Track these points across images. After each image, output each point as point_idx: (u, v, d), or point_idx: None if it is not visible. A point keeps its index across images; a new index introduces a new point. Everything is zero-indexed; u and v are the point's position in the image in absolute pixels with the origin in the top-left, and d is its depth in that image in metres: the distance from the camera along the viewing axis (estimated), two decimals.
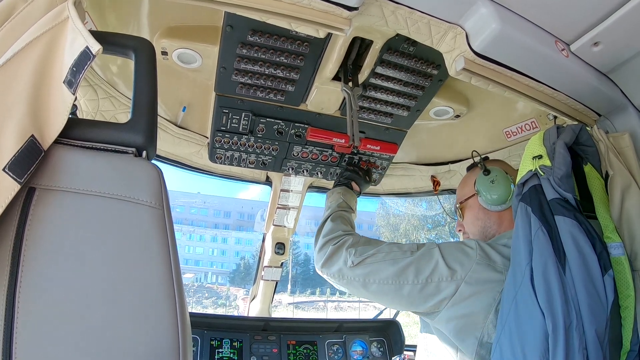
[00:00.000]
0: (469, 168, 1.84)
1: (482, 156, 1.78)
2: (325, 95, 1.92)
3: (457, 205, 1.80)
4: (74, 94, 0.75)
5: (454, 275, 1.40)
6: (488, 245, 1.48)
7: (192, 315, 2.57)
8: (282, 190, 2.79)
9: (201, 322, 2.71)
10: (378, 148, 2.26)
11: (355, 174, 2.27)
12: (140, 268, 0.69)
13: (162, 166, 1.55)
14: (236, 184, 2.92)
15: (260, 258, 3.19)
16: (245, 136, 2.11)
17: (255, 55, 1.67)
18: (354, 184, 2.24)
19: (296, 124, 2.10)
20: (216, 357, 2.65)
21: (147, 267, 0.69)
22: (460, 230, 1.80)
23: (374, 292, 1.53)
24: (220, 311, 27.65)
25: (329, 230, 1.81)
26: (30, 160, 0.68)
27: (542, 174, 1.35)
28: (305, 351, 2.89)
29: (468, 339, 1.37)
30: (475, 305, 1.37)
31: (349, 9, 1.16)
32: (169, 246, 0.72)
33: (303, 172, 2.44)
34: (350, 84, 1.78)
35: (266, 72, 1.76)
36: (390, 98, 1.97)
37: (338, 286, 1.67)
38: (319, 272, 1.70)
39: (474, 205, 1.71)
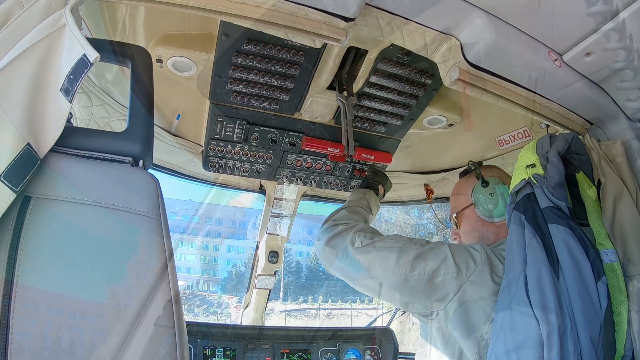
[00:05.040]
0: (462, 175, 1.81)
1: (476, 162, 1.75)
2: (319, 104, 1.93)
3: (453, 215, 1.77)
4: (70, 102, 0.74)
5: (460, 273, 1.40)
6: (491, 251, 1.48)
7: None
8: (275, 198, 2.79)
9: (194, 331, 2.67)
10: (372, 157, 2.26)
11: (384, 179, 2.25)
12: (137, 278, 0.68)
13: (155, 174, 1.54)
14: (228, 192, 2.91)
15: (253, 266, 3.17)
16: (240, 144, 2.10)
17: (250, 64, 1.67)
18: (381, 188, 2.21)
19: (290, 133, 2.10)
20: None
21: (143, 277, 0.69)
22: (455, 239, 1.79)
23: (376, 277, 1.49)
24: (212, 319, 27.39)
25: (341, 216, 1.78)
26: (26, 169, 0.67)
27: (536, 182, 1.37)
28: None
29: (469, 339, 1.37)
30: (477, 308, 1.37)
31: (346, 19, 1.16)
32: (166, 256, 0.72)
33: (297, 180, 2.43)
34: (344, 93, 1.78)
35: (261, 81, 1.76)
36: (384, 107, 1.98)
37: (335, 266, 1.61)
38: (319, 249, 1.65)
39: (471, 215, 1.69)
